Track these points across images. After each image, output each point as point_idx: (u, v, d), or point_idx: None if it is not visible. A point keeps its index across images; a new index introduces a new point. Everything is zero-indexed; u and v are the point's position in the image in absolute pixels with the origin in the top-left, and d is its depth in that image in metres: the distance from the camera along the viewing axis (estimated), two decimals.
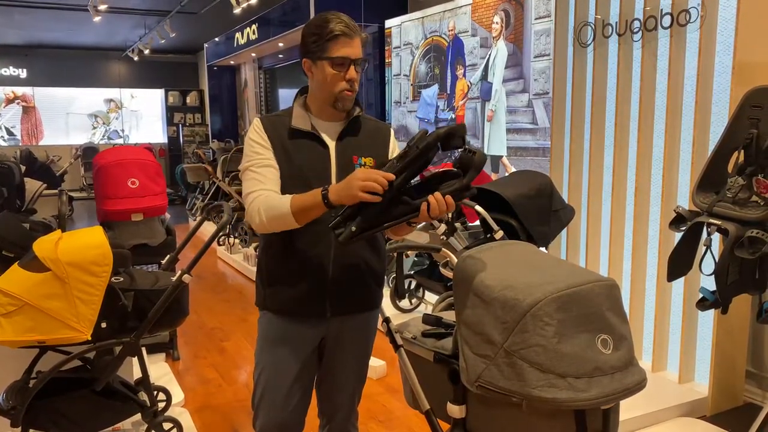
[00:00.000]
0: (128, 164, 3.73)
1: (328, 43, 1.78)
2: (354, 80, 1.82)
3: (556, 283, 1.51)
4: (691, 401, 3.16)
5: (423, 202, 1.57)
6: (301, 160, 1.85)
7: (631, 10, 3.48)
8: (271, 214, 1.74)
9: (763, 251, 2.29)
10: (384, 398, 3.44)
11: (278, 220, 1.74)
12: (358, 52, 1.81)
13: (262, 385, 1.95)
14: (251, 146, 1.86)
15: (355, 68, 1.81)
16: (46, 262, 2.22)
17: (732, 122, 2.45)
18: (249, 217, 1.80)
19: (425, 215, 1.58)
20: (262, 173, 1.83)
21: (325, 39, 1.78)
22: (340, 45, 1.78)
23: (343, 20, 1.80)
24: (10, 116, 13.47)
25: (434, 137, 1.55)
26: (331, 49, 1.78)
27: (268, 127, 1.88)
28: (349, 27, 1.79)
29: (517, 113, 4.94)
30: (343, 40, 1.78)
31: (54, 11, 9.58)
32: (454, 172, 1.61)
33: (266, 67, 11.06)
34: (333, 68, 1.80)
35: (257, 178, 1.82)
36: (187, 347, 4.31)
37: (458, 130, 1.55)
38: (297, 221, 1.72)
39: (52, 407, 2.44)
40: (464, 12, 5.45)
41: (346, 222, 1.61)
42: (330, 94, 1.84)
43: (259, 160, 1.84)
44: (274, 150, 1.86)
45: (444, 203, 1.58)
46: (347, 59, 1.79)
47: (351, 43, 1.79)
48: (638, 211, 3.50)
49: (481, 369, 1.53)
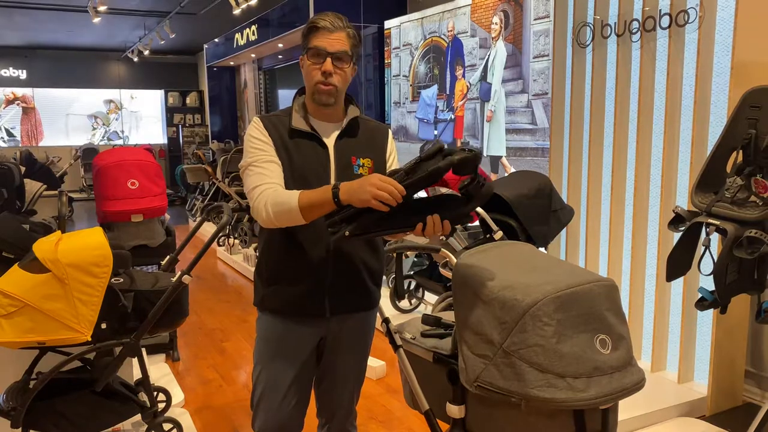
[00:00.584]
0: (128, 165, 3.73)
1: (309, 37, 1.82)
2: (329, 73, 1.80)
3: (556, 283, 1.51)
4: (690, 401, 3.17)
5: (420, 222, 1.58)
6: (301, 160, 1.85)
7: (629, 10, 3.49)
8: (278, 209, 1.72)
9: (762, 251, 2.30)
10: (384, 398, 3.44)
11: (285, 216, 1.72)
12: (338, 46, 1.80)
13: (261, 386, 1.95)
14: (253, 143, 1.85)
15: (333, 62, 1.80)
16: (46, 263, 2.22)
17: (730, 122, 2.45)
18: (255, 211, 1.78)
19: (418, 232, 1.59)
20: (267, 168, 1.82)
21: (308, 33, 1.82)
22: (319, 36, 1.80)
23: (328, 16, 1.82)
24: (10, 117, 13.47)
25: (447, 164, 1.53)
26: (310, 41, 1.81)
27: (268, 126, 1.88)
28: (332, 23, 1.80)
29: (516, 114, 4.94)
30: (323, 32, 1.80)
31: (54, 12, 9.58)
32: (458, 198, 1.62)
33: (266, 67, 11.07)
34: (309, 59, 1.82)
35: (262, 173, 1.80)
36: (187, 348, 4.32)
37: (472, 160, 1.54)
38: (304, 217, 1.70)
39: (53, 408, 2.44)
40: (463, 13, 5.46)
41: (341, 223, 1.62)
42: (309, 88, 1.86)
43: (263, 156, 1.83)
44: (276, 148, 1.86)
45: (440, 226, 1.58)
46: (323, 51, 1.79)
47: (330, 36, 1.80)
48: (637, 211, 3.51)
49: (480, 369, 1.53)
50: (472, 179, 1.57)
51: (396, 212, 1.57)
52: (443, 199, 1.64)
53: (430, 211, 1.59)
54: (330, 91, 1.83)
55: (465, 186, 1.59)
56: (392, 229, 1.63)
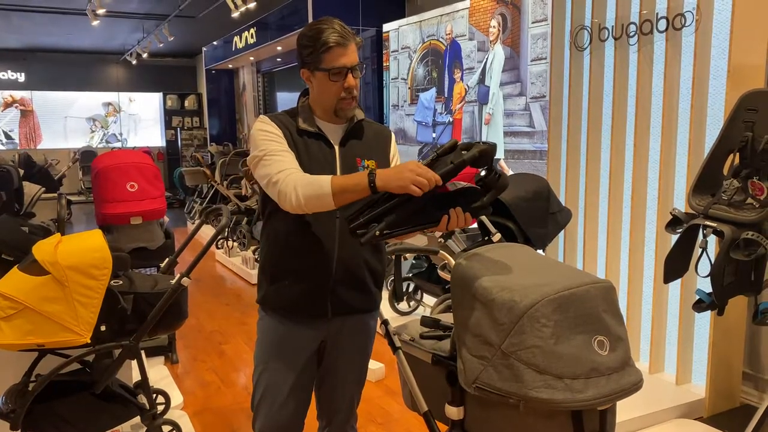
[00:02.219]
0: (127, 168, 3.74)
1: (323, 55, 1.77)
2: (353, 87, 1.82)
3: (553, 284, 1.52)
4: (688, 402, 3.17)
5: (444, 215, 1.60)
6: (309, 159, 1.85)
7: (627, 13, 3.50)
8: (309, 192, 1.66)
9: (759, 253, 2.31)
10: (383, 400, 3.45)
11: (315, 199, 1.66)
12: (354, 58, 1.81)
13: (262, 387, 1.95)
14: (265, 135, 1.81)
15: (353, 75, 1.81)
16: (46, 265, 2.22)
17: (727, 125, 2.46)
18: (282, 195, 1.70)
19: (442, 227, 1.61)
20: (286, 156, 1.78)
21: (320, 51, 1.77)
22: (336, 55, 1.77)
23: (336, 29, 1.78)
24: (8, 120, 13.45)
25: (471, 156, 1.55)
26: (326, 60, 1.78)
27: (277, 123, 1.87)
28: (342, 35, 1.77)
29: (514, 116, 4.96)
30: (338, 50, 1.77)
31: (52, 15, 9.58)
32: (476, 190, 1.64)
33: (264, 70, 11.08)
34: (330, 78, 1.80)
35: (282, 160, 1.76)
36: (186, 350, 4.32)
37: (491, 152, 1.57)
38: (335, 202, 1.65)
39: (52, 410, 2.44)
40: (462, 16, 5.48)
41: (369, 224, 1.61)
42: (330, 104, 1.85)
43: (277, 146, 1.79)
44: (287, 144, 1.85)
45: (463, 219, 1.61)
46: (344, 68, 1.79)
47: (346, 51, 1.78)
48: (635, 213, 3.52)
49: (478, 370, 1.54)
50: (488, 170, 1.60)
51: (424, 207, 1.58)
52: (461, 193, 1.66)
53: (451, 204, 1.61)
54: (353, 104, 1.87)
55: (482, 178, 1.61)
56: (419, 225, 1.64)
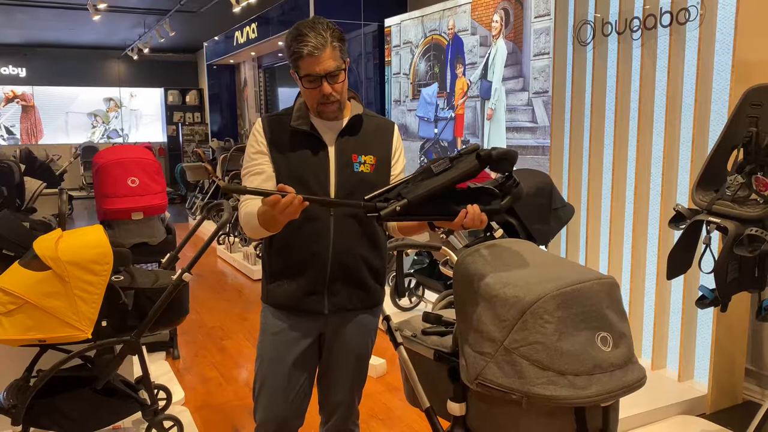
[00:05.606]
0: (128, 163, 3.73)
1: (297, 62, 1.79)
2: (329, 94, 1.81)
3: (556, 280, 1.51)
4: (690, 399, 3.17)
5: (463, 210, 1.61)
6: (299, 160, 1.88)
7: (630, 8, 3.48)
8: (248, 226, 1.82)
9: (763, 249, 2.30)
10: (384, 396, 3.44)
11: (257, 230, 1.78)
12: (328, 65, 1.77)
13: (262, 375, 1.98)
14: (250, 147, 1.94)
15: (328, 81, 1.79)
16: (47, 260, 2.22)
17: (731, 120, 2.45)
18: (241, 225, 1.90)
19: (458, 222, 1.61)
20: (252, 182, 1.89)
21: (293, 58, 1.79)
22: (308, 63, 1.77)
23: (309, 39, 1.73)
24: (10, 115, 13.45)
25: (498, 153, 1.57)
26: (301, 66, 1.79)
27: (267, 129, 1.92)
28: (315, 45, 1.74)
29: (516, 112, 4.94)
30: (309, 60, 1.76)
31: (53, 10, 9.57)
32: (494, 191, 1.65)
33: (266, 66, 11.05)
34: (306, 85, 1.82)
35: (252, 182, 1.89)
36: (187, 346, 4.32)
37: (513, 156, 1.59)
38: (268, 230, 1.75)
39: (53, 406, 2.44)
40: (464, 10, 5.45)
41: (387, 200, 1.61)
42: (313, 107, 1.88)
43: (253, 166, 1.91)
44: (273, 151, 1.89)
45: (479, 218, 1.61)
46: (317, 76, 1.78)
47: (317, 60, 1.75)
48: (638, 209, 3.51)
49: (481, 366, 1.53)
50: (507, 177, 1.62)
51: (441, 200, 1.59)
52: (479, 193, 1.66)
53: (469, 201, 1.62)
54: (333, 108, 1.86)
55: (501, 183, 1.63)
56: (436, 214, 1.64)
